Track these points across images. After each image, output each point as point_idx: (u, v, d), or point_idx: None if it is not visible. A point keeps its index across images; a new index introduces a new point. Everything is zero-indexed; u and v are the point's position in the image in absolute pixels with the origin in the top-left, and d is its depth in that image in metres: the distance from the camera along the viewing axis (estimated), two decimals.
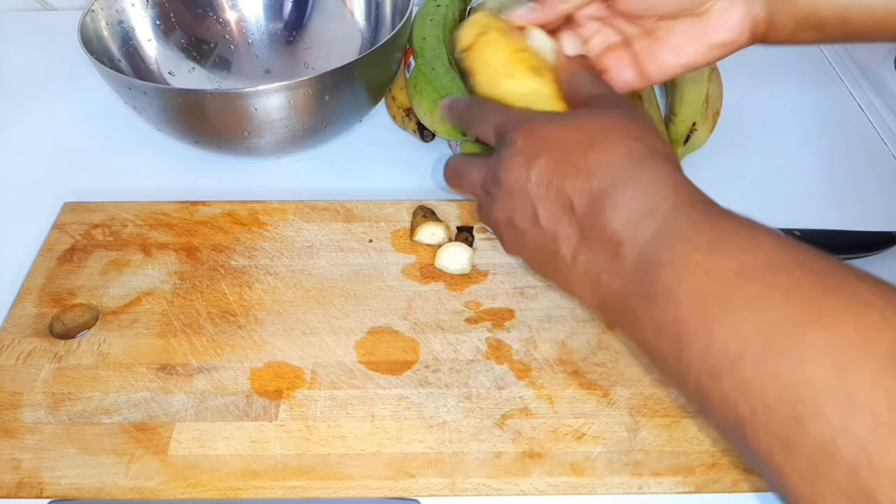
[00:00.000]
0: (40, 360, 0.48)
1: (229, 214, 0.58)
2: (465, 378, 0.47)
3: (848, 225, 0.58)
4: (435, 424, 0.45)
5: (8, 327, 0.50)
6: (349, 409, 0.46)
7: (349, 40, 0.74)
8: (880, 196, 0.63)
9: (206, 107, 0.58)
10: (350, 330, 0.50)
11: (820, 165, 0.67)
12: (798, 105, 0.73)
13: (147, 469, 0.43)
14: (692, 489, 0.43)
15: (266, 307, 0.52)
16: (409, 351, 0.49)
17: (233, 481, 0.43)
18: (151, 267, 0.55)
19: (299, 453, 0.44)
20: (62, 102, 0.74)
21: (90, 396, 0.46)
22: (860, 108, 0.73)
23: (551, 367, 0.48)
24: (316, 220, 0.58)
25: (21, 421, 0.45)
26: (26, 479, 0.43)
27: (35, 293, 0.53)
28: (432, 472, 0.43)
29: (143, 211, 0.59)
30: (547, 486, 0.43)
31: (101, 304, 0.52)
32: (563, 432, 0.45)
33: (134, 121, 0.67)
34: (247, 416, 0.45)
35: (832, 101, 0.74)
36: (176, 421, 0.45)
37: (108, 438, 0.44)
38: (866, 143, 0.69)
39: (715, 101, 0.66)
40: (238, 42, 0.76)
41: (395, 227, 0.57)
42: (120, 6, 0.69)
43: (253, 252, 0.56)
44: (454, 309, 0.52)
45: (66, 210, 0.59)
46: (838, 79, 0.77)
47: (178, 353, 0.49)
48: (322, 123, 0.62)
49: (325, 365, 0.48)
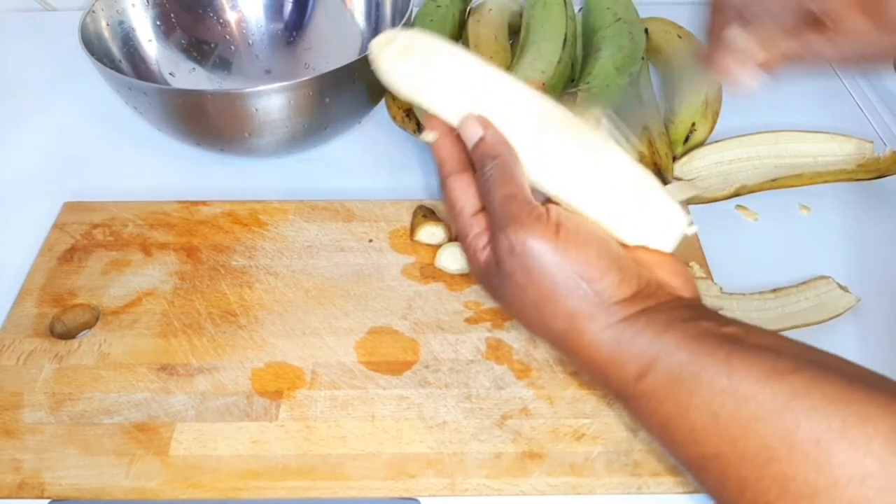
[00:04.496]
0: (41, 361, 0.48)
1: (229, 214, 0.59)
2: (464, 378, 0.48)
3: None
4: (435, 425, 0.45)
5: (8, 327, 0.50)
6: (349, 410, 0.46)
7: (349, 41, 0.74)
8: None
9: (206, 107, 0.58)
10: (350, 330, 0.50)
11: None
12: (797, 105, 0.73)
13: (148, 469, 0.43)
14: (692, 489, 0.43)
15: (266, 307, 0.52)
16: (409, 351, 0.49)
17: (233, 482, 0.43)
18: (152, 267, 0.55)
19: (300, 454, 0.44)
20: (62, 103, 0.74)
21: (91, 397, 0.46)
22: (860, 108, 0.73)
23: (551, 368, 0.48)
24: (316, 220, 0.58)
25: (22, 421, 0.45)
26: (27, 480, 0.43)
27: (35, 293, 0.53)
28: (432, 473, 0.43)
29: (144, 211, 0.59)
30: (547, 486, 0.43)
31: (102, 305, 0.52)
32: (563, 432, 0.45)
33: (134, 121, 0.67)
34: (247, 417, 0.45)
35: (832, 101, 0.74)
36: (177, 421, 0.45)
37: (108, 439, 0.44)
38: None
39: (714, 101, 0.66)
40: (238, 42, 0.76)
41: (394, 227, 0.58)
42: (120, 6, 0.69)
43: (253, 252, 0.56)
44: (454, 309, 0.52)
45: (67, 210, 0.59)
46: (838, 79, 0.77)
47: (178, 353, 0.49)
48: (322, 124, 0.62)
49: (325, 365, 0.48)
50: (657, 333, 0.34)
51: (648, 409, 0.34)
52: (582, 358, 0.36)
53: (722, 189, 0.60)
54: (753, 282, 0.53)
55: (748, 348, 0.32)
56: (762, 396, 0.31)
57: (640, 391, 0.34)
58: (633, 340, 0.35)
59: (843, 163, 0.61)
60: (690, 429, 0.33)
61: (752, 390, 0.31)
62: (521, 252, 0.35)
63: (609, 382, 0.36)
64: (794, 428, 0.29)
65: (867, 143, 0.61)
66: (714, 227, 0.56)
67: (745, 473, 0.31)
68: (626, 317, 0.35)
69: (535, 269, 0.35)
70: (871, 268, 0.57)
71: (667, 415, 0.33)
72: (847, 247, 0.59)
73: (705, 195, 0.60)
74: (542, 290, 0.36)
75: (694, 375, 0.32)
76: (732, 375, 0.32)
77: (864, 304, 0.53)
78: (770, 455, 0.30)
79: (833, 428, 0.29)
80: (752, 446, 0.30)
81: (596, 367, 0.36)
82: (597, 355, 0.36)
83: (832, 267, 0.55)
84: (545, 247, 0.35)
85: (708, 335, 0.34)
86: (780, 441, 0.30)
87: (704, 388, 0.32)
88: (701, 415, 0.32)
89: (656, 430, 0.35)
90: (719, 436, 0.31)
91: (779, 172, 0.61)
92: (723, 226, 0.59)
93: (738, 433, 0.31)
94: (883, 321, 0.53)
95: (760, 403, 0.30)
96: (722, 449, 0.31)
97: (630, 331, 0.35)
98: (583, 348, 0.36)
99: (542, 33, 0.66)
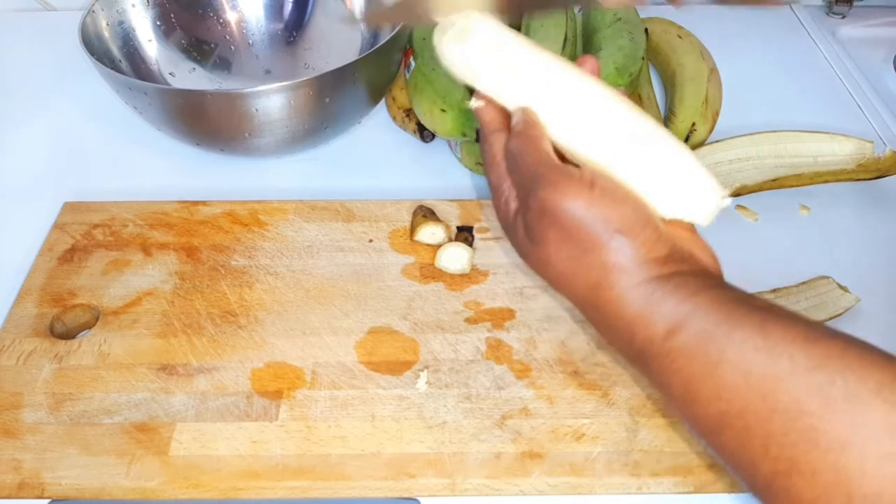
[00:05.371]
0: (41, 361, 0.48)
1: (229, 214, 0.59)
2: (465, 378, 0.48)
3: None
4: (435, 425, 0.45)
5: (8, 327, 0.50)
6: (349, 410, 0.46)
7: (349, 41, 0.74)
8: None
9: (206, 107, 0.58)
10: (350, 330, 0.50)
11: None
12: (798, 105, 0.73)
13: (148, 469, 0.43)
14: (691, 489, 0.43)
15: (266, 307, 0.52)
16: (409, 351, 0.49)
17: (233, 482, 0.43)
18: (152, 267, 0.55)
19: (300, 454, 0.44)
20: (62, 103, 0.74)
21: (91, 397, 0.46)
22: (860, 109, 0.73)
23: (551, 368, 0.48)
24: (316, 220, 0.58)
25: (22, 421, 0.45)
26: (27, 480, 0.43)
27: (35, 293, 0.53)
28: (432, 473, 0.43)
29: (144, 211, 0.59)
30: (546, 486, 0.43)
31: (102, 305, 0.52)
32: (563, 433, 0.45)
33: (134, 121, 0.67)
34: (247, 417, 0.45)
35: (832, 101, 0.74)
36: (177, 421, 0.45)
37: (108, 439, 0.44)
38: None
39: (714, 101, 0.66)
40: (238, 42, 0.76)
41: (395, 227, 0.58)
42: (120, 7, 0.69)
43: (253, 252, 0.56)
44: (454, 309, 0.52)
45: (67, 210, 0.59)
46: (838, 79, 0.77)
47: (178, 353, 0.49)
48: (322, 124, 0.62)
49: (325, 365, 0.48)
50: (690, 294, 0.34)
51: (674, 366, 0.34)
52: (609, 313, 0.36)
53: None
54: (753, 282, 0.53)
55: (781, 316, 0.33)
56: (798, 355, 0.31)
57: (667, 348, 0.34)
58: (665, 298, 0.35)
59: (843, 163, 0.61)
60: (718, 386, 0.32)
61: (787, 350, 0.31)
62: (553, 211, 0.36)
63: (634, 340, 0.36)
64: (829, 385, 0.30)
65: (867, 143, 0.61)
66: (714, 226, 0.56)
67: (771, 428, 0.31)
68: (658, 276, 0.35)
69: (570, 225, 0.36)
70: (871, 268, 0.57)
71: (693, 372, 0.33)
72: (847, 247, 0.59)
73: None
74: (578, 244, 0.36)
75: (726, 334, 0.33)
76: (767, 336, 0.32)
77: (865, 305, 0.53)
78: (801, 409, 0.30)
79: (868, 387, 0.29)
80: (783, 400, 0.30)
81: (623, 324, 0.36)
82: (626, 311, 0.36)
83: (832, 267, 0.55)
84: (579, 203, 0.35)
85: (741, 301, 0.34)
86: (814, 395, 0.30)
87: (737, 346, 0.32)
88: (731, 371, 0.32)
89: (679, 388, 0.34)
90: (749, 391, 0.31)
91: (779, 172, 0.61)
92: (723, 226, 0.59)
93: (769, 389, 0.31)
94: (883, 321, 0.53)
95: (796, 361, 0.31)
96: (749, 404, 0.31)
97: (661, 290, 0.35)
98: (611, 302, 0.36)
99: (543, 33, 0.66)
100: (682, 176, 0.38)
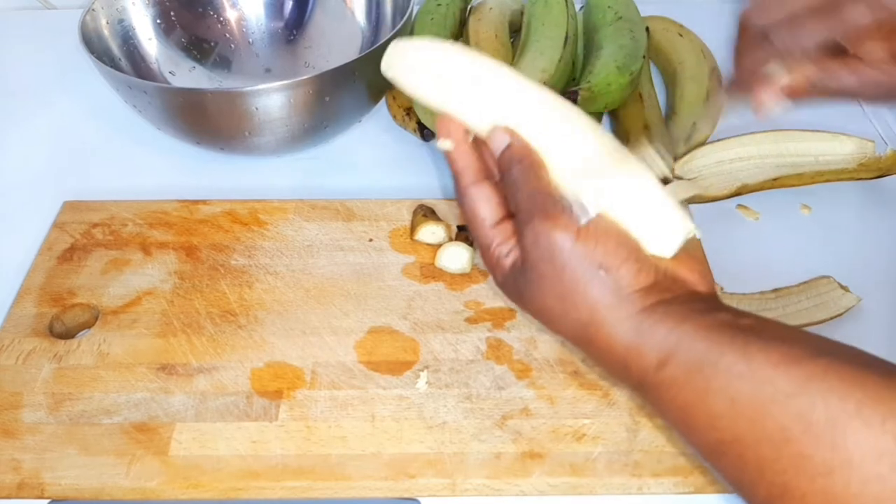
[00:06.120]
0: (40, 360, 0.48)
1: (229, 213, 0.58)
2: (465, 378, 0.47)
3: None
4: (435, 425, 0.45)
5: (8, 327, 0.50)
6: (349, 410, 0.46)
7: (350, 39, 0.74)
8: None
9: (206, 106, 0.58)
10: (350, 330, 0.50)
11: None
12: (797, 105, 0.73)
13: (148, 469, 0.43)
14: (691, 490, 0.43)
15: (266, 307, 0.52)
16: (410, 351, 0.49)
17: (233, 482, 0.43)
18: (151, 266, 0.55)
19: (300, 454, 0.44)
20: (62, 101, 0.74)
21: (90, 397, 0.46)
22: (861, 108, 0.73)
23: (551, 367, 0.48)
24: (316, 219, 0.58)
25: (21, 421, 0.45)
26: (27, 480, 0.43)
27: (35, 293, 0.53)
28: (432, 473, 0.43)
29: (143, 210, 0.59)
30: (547, 486, 0.43)
31: (101, 304, 0.52)
32: (563, 433, 0.45)
33: (134, 120, 0.66)
34: (247, 417, 0.45)
35: None
36: (176, 421, 0.45)
37: (108, 439, 0.44)
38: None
39: None
40: (238, 41, 0.75)
41: (395, 226, 0.57)
42: (120, 5, 0.69)
43: (253, 251, 0.56)
44: (454, 309, 0.52)
45: (66, 209, 0.59)
46: None
47: (178, 353, 0.49)
48: (322, 122, 0.62)
49: (325, 365, 0.48)
50: (676, 323, 0.35)
51: (668, 396, 0.35)
52: (602, 349, 0.37)
53: (723, 188, 0.60)
54: (754, 281, 0.53)
55: (765, 338, 0.33)
56: (779, 381, 0.31)
57: (659, 380, 0.35)
58: (652, 330, 0.35)
59: (844, 162, 0.61)
60: (709, 414, 0.33)
61: (769, 375, 0.31)
62: (545, 243, 0.36)
63: (629, 373, 0.36)
64: (810, 409, 0.30)
65: (868, 143, 0.61)
66: (715, 226, 0.56)
67: (762, 455, 0.31)
68: (644, 307, 0.35)
69: (558, 259, 0.36)
70: (872, 267, 0.57)
71: (686, 401, 0.34)
72: (848, 246, 0.59)
73: (706, 194, 0.60)
74: (565, 281, 0.36)
75: (712, 363, 0.33)
76: (750, 362, 0.32)
77: (865, 304, 0.52)
78: (786, 436, 0.30)
79: (848, 409, 0.29)
80: (769, 428, 0.31)
81: (616, 358, 0.36)
82: (617, 346, 0.36)
83: (833, 266, 0.55)
84: (567, 236, 0.36)
85: (725, 325, 0.34)
86: (796, 422, 0.30)
87: (722, 374, 0.32)
88: (719, 400, 0.32)
89: (676, 417, 0.35)
90: (737, 419, 0.32)
91: (780, 172, 0.61)
92: (724, 225, 0.59)
93: (755, 416, 0.31)
94: (884, 321, 0.53)
95: (777, 387, 0.31)
96: (740, 432, 0.32)
97: (649, 321, 0.35)
98: (602, 339, 0.36)
99: (543, 32, 0.66)
100: (647, 211, 0.37)
